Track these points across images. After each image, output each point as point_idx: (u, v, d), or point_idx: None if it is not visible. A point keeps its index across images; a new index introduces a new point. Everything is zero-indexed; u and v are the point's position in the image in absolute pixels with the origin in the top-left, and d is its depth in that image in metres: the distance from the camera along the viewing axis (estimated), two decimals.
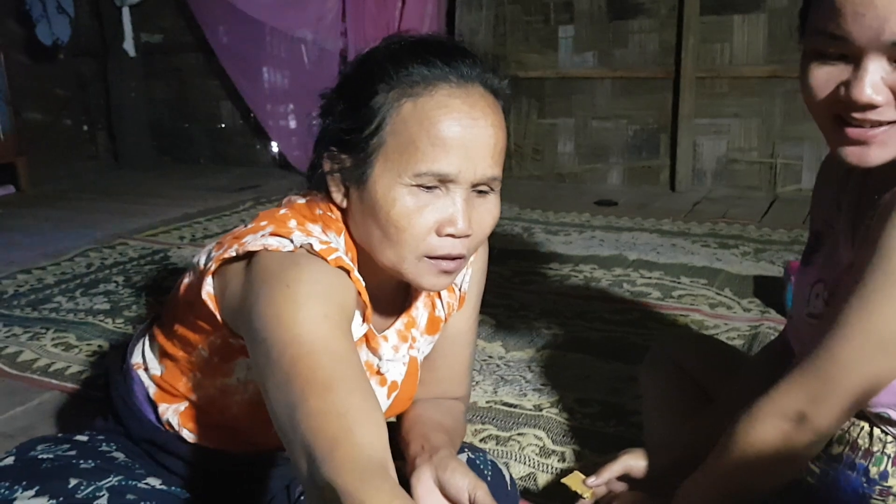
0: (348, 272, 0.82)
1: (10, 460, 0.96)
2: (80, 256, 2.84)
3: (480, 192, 0.86)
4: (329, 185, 0.89)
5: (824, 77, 0.79)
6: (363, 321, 0.92)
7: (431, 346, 1.08)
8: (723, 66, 3.66)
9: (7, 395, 1.73)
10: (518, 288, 2.44)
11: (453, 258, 0.86)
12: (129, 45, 4.76)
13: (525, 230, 3.18)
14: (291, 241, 0.82)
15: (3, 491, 0.89)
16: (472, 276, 1.09)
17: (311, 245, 0.81)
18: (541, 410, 1.62)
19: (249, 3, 4.25)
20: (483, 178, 0.84)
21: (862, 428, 0.91)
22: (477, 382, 1.77)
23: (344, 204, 0.89)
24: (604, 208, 3.53)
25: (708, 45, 3.67)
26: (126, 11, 4.70)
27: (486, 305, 2.21)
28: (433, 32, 0.92)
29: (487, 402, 1.68)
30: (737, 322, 2.08)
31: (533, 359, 1.88)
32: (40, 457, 0.97)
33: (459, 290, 1.07)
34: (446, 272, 0.87)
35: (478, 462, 1.04)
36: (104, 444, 1.02)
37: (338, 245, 0.86)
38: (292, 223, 0.86)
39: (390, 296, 0.99)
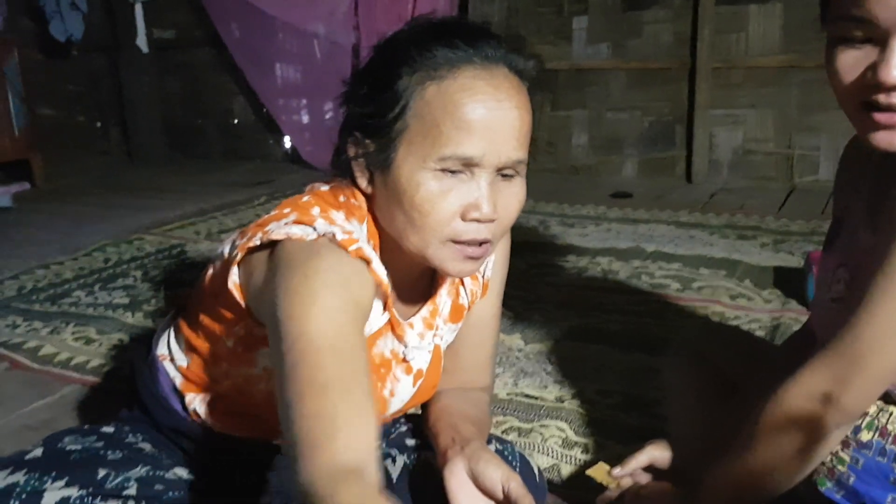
0: (368, 263, 0.81)
1: (38, 452, 0.96)
2: (98, 251, 2.85)
3: (506, 175, 0.85)
4: (354, 171, 0.89)
5: (850, 62, 0.78)
6: (384, 310, 0.91)
7: (455, 335, 1.08)
8: (738, 57, 3.63)
9: (29, 388, 1.74)
10: (536, 280, 2.43)
11: (479, 243, 0.85)
12: (141, 42, 4.77)
13: (541, 223, 3.16)
14: (314, 230, 0.81)
15: (33, 482, 0.89)
16: (494, 264, 1.08)
17: (333, 234, 0.80)
18: (562, 402, 1.61)
19: None
20: (508, 161, 0.83)
21: (891, 413, 0.90)
22: (497, 374, 1.76)
23: (369, 190, 0.88)
24: (619, 200, 3.51)
25: (723, 35, 3.63)
26: (139, 7, 4.71)
27: (504, 297, 2.23)
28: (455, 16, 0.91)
29: (508, 394, 1.67)
30: (758, 313, 2.07)
31: (552, 350, 1.87)
32: (68, 448, 0.97)
33: (483, 277, 1.06)
34: (472, 258, 0.86)
35: (506, 454, 1.04)
36: (130, 434, 1.03)
37: (360, 234, 0.85)
38: (315, 210, 0.85)
39: (415, 283, 0.99)
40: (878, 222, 0.86)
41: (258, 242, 0.83)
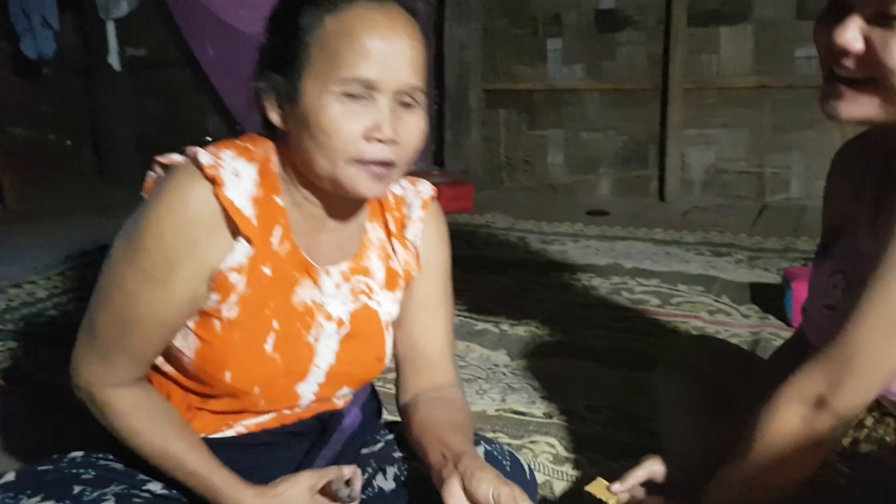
0: (217, 185, 0.87)
1: (10, 476, 0.95)
2: (70, 270, 2.80)
3: (406, 104, 0.90)
4: (266, 108, 0.94)
5: (822, 28, 0.85)
6: (250, 245, 0.92)
7: (397, 306, 1.08)
8: (710, 78, 3.72)
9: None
10: (519, 296, 2.45)
11: (384, 164, 0.90)
12: (113, 59, 4.72)
13: (520, 240, 3.19)
14: (185, 154, 0.91)
15: (7, 501, 0.88)
16: (427, 238, 1.09)
17: (196, 155, 0.88)
18: (551, 418, 1.62)
19: (235, 16, 4.24)
20: (404, 85, 0.89)
21: (888, 425, 0.91)
22: (485, 391, 1.77)
23: (280, 123, 0.93)
24: (596, 218, 3.55)
25: (695, 56, 3.72)
26: (111, 25, 4.67)
27: (488, 314, 2.25)
28: None
29: (496, 410, 1.67)
30: (737, 328, 2.10)
31: (539, 367, 1.88)
32: (40, 468, 0.97)
33: (414, 246, 1.07)
34: (379, 177, 0.90)
35: (495, 454, 1.04)
36: (101, 458, 1.02)
37: (234, 166, 0.90)
38: (210, 148, 0.92)
39: (334, 234, 1.01)
40: (878, 227, 0.88)
41: (155, 169, 0.96)
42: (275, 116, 0.93)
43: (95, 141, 5.00)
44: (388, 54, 0.87)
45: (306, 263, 0.97)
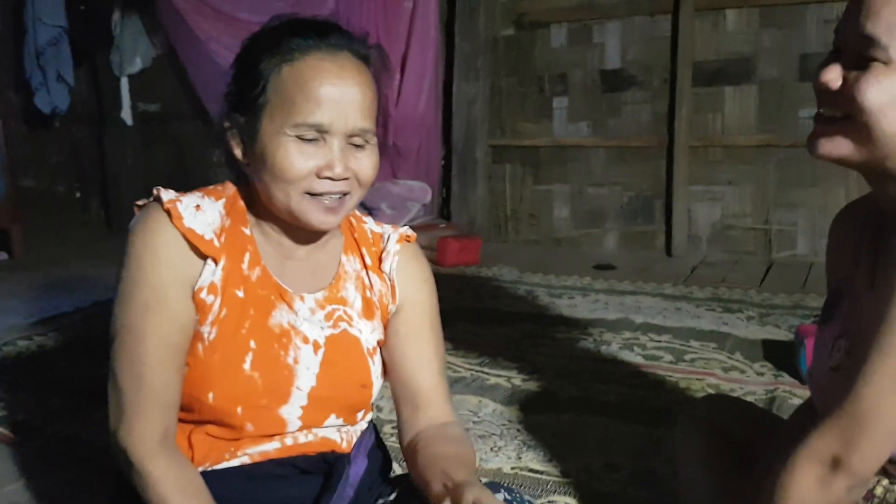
0: (171, 216, 0.95)
1: None
2: (80, 321, 2.79)
3: (357, 144, 0.98)
4: (231, 144, 1.02)
5: (817, 73, 0.90)
6: (217, 265, 0.98)
7: (375, 335, 1.10)
8: (715, 135, 3.78)
9: (9, 462, 1.67)
10: (530, 350, 2.44)
11: (337, 197, 0.98)
12: (126, 114, 4.81)
13: (528, 293, 3.19)
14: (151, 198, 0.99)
15: None
16: (406, 274, 1.12)
17: (159, 194, 0.97)
18: (569, 476, 1.60)
19: None
20: (354, 128, 0.96)
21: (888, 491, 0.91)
22: (500, 448, 1.75)
23: (242, 159, 1.01)
24: (603, 272, 3.56)
25: (700, 114, 3.79)
26: (125, 81, 4.78)
27: (499, 368, 2.24)
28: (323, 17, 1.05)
29: (513, 468, 1.65)
30: (752, 386, 2.09)
31: (554, 422, 1.87)
32: None
33: (390, 279, 1.11)
34: (331, 210, 0.98)
35: (515, 503, 1.03)
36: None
37: (195, 201, 0.98)
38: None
39: (304, 263, 1.07)
40: (876, 287, 0.90)
41: (134, 211, 1.02)
42: (238, 151, 1.01)
43: (104, 192, 5.05)
44: (338, 101, 0.95)
45: (279, 288, 1.03)
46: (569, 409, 1.93)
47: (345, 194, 0.99)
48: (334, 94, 0.95)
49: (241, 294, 1.00)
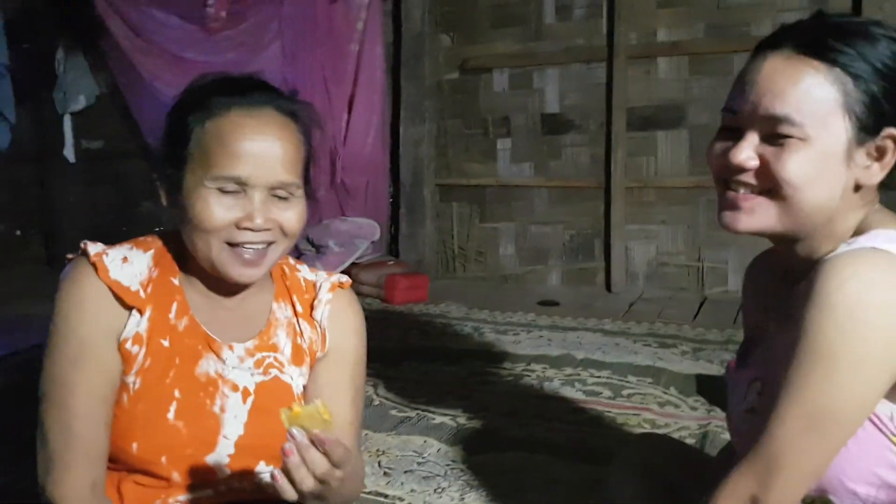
0: (97, 268, 0.98)
1: None
2: (17, 365, 2.75)
3: (281, 196, 1.01)
4: (160, 193, 1.06)
5: (719, 146, 0.95)
6: (142, 315, 1.01)
7: (303, 381, 1.11)
8: (649, 177, 3.96)
9: None
10: (475, 388, 2.51)
11: (255, 245, 1.00)
12: (69, 152, 4.76)
13: (475, 329, 3.27)
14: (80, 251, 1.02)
15: None
16: (336, 323, 1.14)
17: (86, 248, 1.00)
18: None
19: None
20: (277, 182, 0.99)
21: None
22: (443, 489, 1.80)
23: (168, 207, 1.05)
24: (547, 308, 3.67)
25: (635, 157, 3.97)
26: (68, 118, 4.73)
27: (445, 406, 2.30)
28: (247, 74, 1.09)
29: None
30: (686, 420, 2.20)
31: (497, 462, 1.93)
32: None
33: (321, 327, 1.13)
34: (250, 263, 1.01)
35: None
36: None
37: (122, 253, 1.02)
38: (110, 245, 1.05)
39: (234, 312, 1.09)
40: (785, 333, 0.95)
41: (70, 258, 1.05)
42: (164, 199, 1.05)
43: (46, 231, 4.96)
44: (258, 155, 0.98)
45: (207, 337, 1.05)
46: (512, 448, 2.00)
47: (269, 244, 1.01)
48: (254, 148, 0.98)
49: (166, 343, 1.02)
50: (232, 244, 0.99)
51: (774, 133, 0.88)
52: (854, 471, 0.88)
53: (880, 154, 0.89)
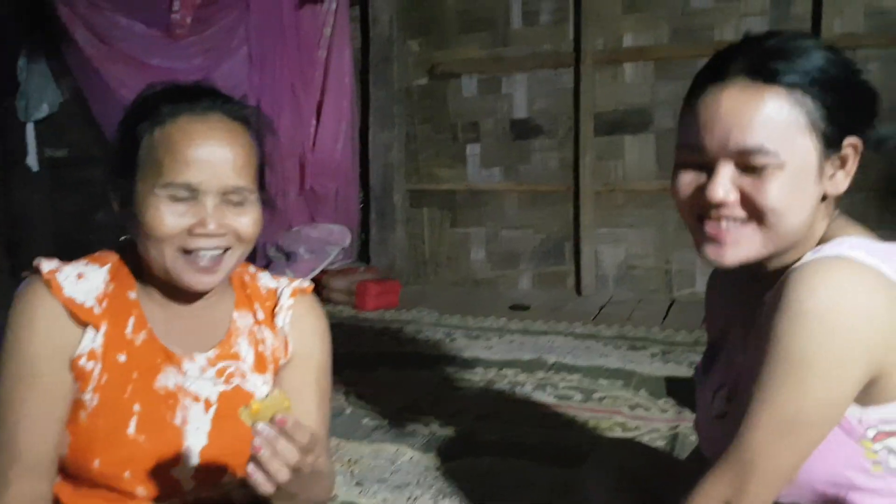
0: (49, 286, 0.98)
1: None
2: None
3: (234, 202, 1.00)
4: (112, 203, 1.05)
5: (687, 182, 0.94)
6: (98, 332, 1.01)
7: (267, 389, 1.10)
8: (617, 181, 4.01)
9: None
10: (448, 394, 2.51)
11: (209, 251, 0.99)
12: (32, 160, 4.67)
13: (447, 335, 3.28)
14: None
15: None
16: (299, 328, 1.14)
17: (39, 265, 1.00)
18: None
19: None
20: (228, 187, 0.99)
21: None
22: (416, 497, 1.79)
23: (121, 220, 1.05)
24: (518, 312, 3.69)
25: (603, 161, 4.01)
26: (30, 126, 4.65)
27: (418, 413, 2.30)
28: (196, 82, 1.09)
29: None
30: (656, 423, 2.22)
31: (471, 467, 1.93)
32: None
33: (283, 333, 1.13)
34: (206, 269, 1.00)
35: None
36: None
37: (77, 269, 1.01)
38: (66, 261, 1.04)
39: (193, 321, 1.08)
40: (749, 344, 0.98)
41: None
42: (116, 207, 1.04)
43: (9, 241, 4.85)
44: (208, 160, 0.97)
45: (166, 350, 1.04)
46: (485, 454, 2.01)
47: (225, 250, 1.00)
48: (203, 154, 0.97)
49: (123, 359, 1.01)
50: (186, 251, 0.98)
51: (748, 164, 0.88)
52: (823, 473, 0.90)
53: (843, 163, 0.92)
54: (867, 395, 0.87)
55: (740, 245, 0.91)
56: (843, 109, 0.89)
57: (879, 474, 0.88)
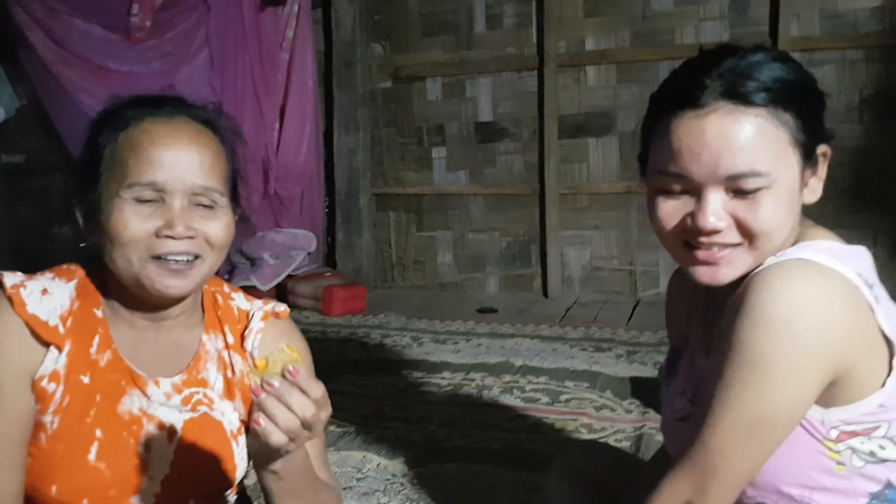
0: (12, 302, 0.93)
1: None
2: None
3: (203, 205, 0.98)
4: (76, 217, 1.02)
5: (671, 210, 0.92)
6: (61, 352, 0.97)
7: (237, 416, 1.07)
8: (582, 184, 4.04)
9: None
10: (414, 399, 2.50)
11: (178, 255, 0.96)
12: None
13: (415, 339, 3.27)
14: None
15: None
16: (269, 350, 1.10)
17: (2, 279, 0.95)
18: None
19: None
20: (195, 187, 0.97)
21: None
22: None
23: (88, 233, 1.01)
24: (486, 315, 3.70)
25: (567, 164, 4.04)
26: None
27: (384, 419, 2.29)
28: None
29: None
30: (622, 423, 2.24)
31: (438, 473, 1.93)
32: None
33: (252, 357, 1.09)
34: (177, 273, 0.96)
35: None
36: None
37: (43, 284, 0.97)
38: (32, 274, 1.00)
39: (161, 344, 1.04)
40: (710, 348, 1.00)
41: None
42: (80, 220, 1.01)
43: None
44: (174, 160, 0.95)
45: (132, 373, 1.00)
46: (452, 459, 2.00)
47: (196, 257, 0.97)
48: (168, 153, 0.95)
49: (86, 380, 0.96)
50: (155, 257, 0.95)
51: (739, 188, 0.87)
52: (788, 474, 0.91)
53: (815, 170, 0.93)
54: (829, 396, 0.88)
55: (734, 265, 0.91)
56: (814, 118, 0.91)
57: (843, 474, 0.90)
